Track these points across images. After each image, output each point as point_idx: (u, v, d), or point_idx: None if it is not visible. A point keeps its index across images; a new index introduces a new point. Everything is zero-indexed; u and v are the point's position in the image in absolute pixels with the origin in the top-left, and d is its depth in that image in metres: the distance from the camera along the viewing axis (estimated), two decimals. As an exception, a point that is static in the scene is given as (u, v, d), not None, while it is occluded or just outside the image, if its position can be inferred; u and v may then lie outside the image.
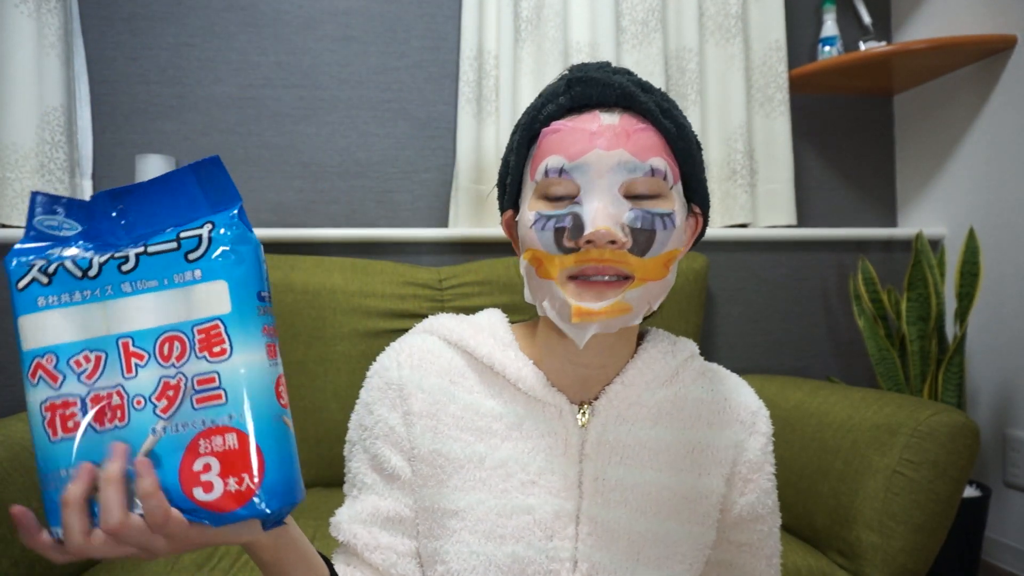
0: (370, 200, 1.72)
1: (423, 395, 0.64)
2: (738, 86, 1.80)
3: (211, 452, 0.42)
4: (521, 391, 0.65)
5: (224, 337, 0.43)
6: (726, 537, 0.70)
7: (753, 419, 0.70)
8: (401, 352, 0.67)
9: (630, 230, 0.57)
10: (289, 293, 1.39)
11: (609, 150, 0.57)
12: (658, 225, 0.57)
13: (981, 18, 1.72)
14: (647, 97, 0.59)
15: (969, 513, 1.50)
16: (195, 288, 0.44)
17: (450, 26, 1.76)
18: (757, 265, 1.87)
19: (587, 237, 0.56)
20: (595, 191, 0.57)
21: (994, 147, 1.72)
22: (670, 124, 0.60)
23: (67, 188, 1.53)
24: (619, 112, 0.59)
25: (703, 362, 0.73)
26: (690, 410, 0.68)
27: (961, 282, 1.60)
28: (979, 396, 1.76)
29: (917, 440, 1.05)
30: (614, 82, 0.59)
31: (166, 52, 1.65)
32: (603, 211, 0.56)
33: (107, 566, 1.01)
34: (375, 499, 0.64)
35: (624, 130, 0.58)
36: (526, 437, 0.64)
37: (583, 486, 0.64)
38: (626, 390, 0.66)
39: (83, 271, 0.45)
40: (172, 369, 0.43)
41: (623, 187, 0.58)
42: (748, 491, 0.69)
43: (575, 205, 0.58)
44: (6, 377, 1.53)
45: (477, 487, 0.63)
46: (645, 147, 0.58)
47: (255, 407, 0.43)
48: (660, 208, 0.58)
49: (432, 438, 0.64)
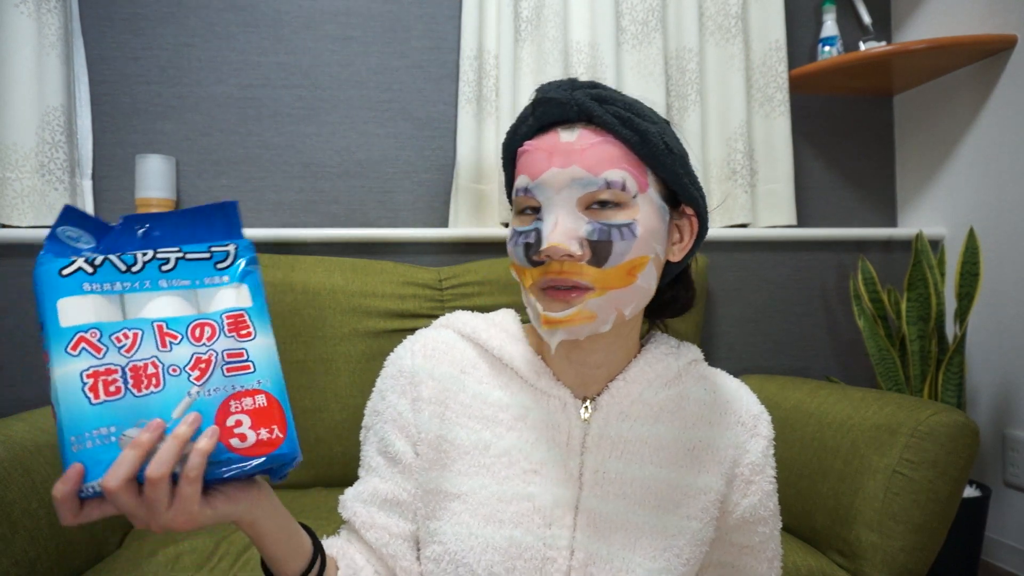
0: (370, 200, 1.72)
1: (433, 383, 0.68)
2: (738, 86, 1.80)
3: (242, 411, 0.50)
4: (528, 383, 0.68)
5: (249, 323, 0.53)
6: (727, 539, 0.71)
7: (755, 422, 0.72)
8: (416, 342, 0.71)
9: (588, 242, 0.60)
10: (289, 293, 1.39)
11: (564, 167, 0.61)
12: (615, 236, 0.60)
13: (981, 18, 1.72)
14: (603, 110, 0.61)
15: (969, 513, 1.50)
16: (222, 289, 0.54)
17: (450, 26, 1.76)
18: (757, 265, 1.87)
19: (544, 252, 0.60)
20: (553, 207, 0.61)
21: (994, 147, 1.72)
22: (630, 133, 0.61)
23: (67, 188, 1.53)
24: (580, 128, 0.62)
25: (706, 366, 0.74)
26: (692, 410, 0.70)
27: (961, 282, 1.60)
28: (979, 396, 1.76)
29: (917, 440, 1.05)
30: (571, 99, 0.62)
31: (166, 52, 1.65)
32: (559, 227, 0.60)
33: (108, 566, 1.01)
34: (377, 481, 0.68)
35: (579, 146, 0.61)
36: (531, 428, 0.67)
37: (583, 478, 0.66)
38: (628, 387, 0.68)
39: (127, 266, 0.52)
40: (204, 347, 0.51)
41: (580, 201, 0.61)
42: (750, 493, 0.70)
43: (538, 221, 0.62)
44: (6, 377, 1.53)
45: (480, 472, 0.65)
46: (599, 160, 0.61)
47: (274, 376, 0.52)
48: (619, 219, 0.61)
49: (439, 424, 0.67)
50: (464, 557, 0.63)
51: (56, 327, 0.48)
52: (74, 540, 1.00)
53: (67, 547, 0.98)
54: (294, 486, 1.37)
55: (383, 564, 0.66)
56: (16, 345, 1.53)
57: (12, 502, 0.90)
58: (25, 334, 1.53)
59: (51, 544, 0.95)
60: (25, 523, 0.91)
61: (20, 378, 1.53)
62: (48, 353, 0.48)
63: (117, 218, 0.53)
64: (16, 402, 1.52)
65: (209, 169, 1.66)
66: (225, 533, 1.05)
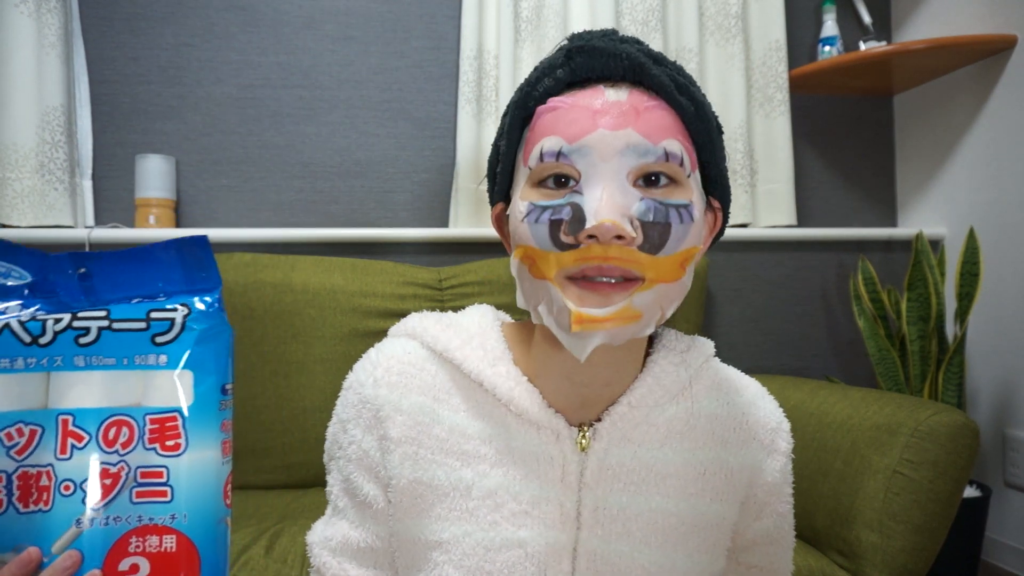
0: (370, 200, 1.72)
1: (402, 418, 0.57)
2: (738, 86, 1.80)
3: (143, 552, 0.39)
4: (512, 412, 0.57)
5: (180, 431, 0.40)
6: (735, 558, 0.66)
7: (772, 437, 0.63)
8: (378, 366, 0.59)
9: (640, 223, 0.49)
10: (289, 293, 1.39)
11: (615, 130, 0.49)
12: (673, 218, 0.49)
13: (981, 18, 1.72)
14: (659, 70, 0.51)
15: (969, 513, 1.49)
16: (157, 374, 0.41)
17: (450, 26, 1.76)
18: (757, 265, 1.87)
19: (589, 231, 0.47)
20: (599, 178, 0.49)
21: (994, 147, 1.72)
22: (687, 101, 0.51)
23: (67, 188, 1.53)
24: (627, 87, 0.51)
25: (719, 367, 0.65)
26: (703, 428, 0.60)
27: (961, 282, 1.60)
28: (979, 396, 1.76)
29: (917, 440, 1.05)
30: (621, 52, 0.50)
31: (166, 52, 1.65)
32: (609, 201, 0.48)
33: None
34: (346, 527, 0.59)
35: (633, 107, 0.50)
36: (518, 463, 0.57)
37: (581, 517, 0.57)
38: (632, 412, 0.58)
39: (33, 337, 0.40)
40: (115, 456, 0.40)
41: (632, 173, 0.49)
42: (764, 516, 0.64)
43: (575, 194, 0.49)
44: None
45: (463, 518, 0.56)
46: (658, 127, 0.50)
47: (201, 509, 0.40)
48: (676, 199, 0.50)
49: (412, 467, 0.56)
50: None
51: None
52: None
53: (67, 547, 0.98)
54: (294, 486, 1.38)
55: None
56: None
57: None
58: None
59: (51, 544, 0.94)
60: (25, 523, 0.91)
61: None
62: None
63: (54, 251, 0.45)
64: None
65: (209, 169, 1.66)
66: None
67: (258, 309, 1.37)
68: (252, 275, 1.39)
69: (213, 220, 1.66)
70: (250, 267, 1.40)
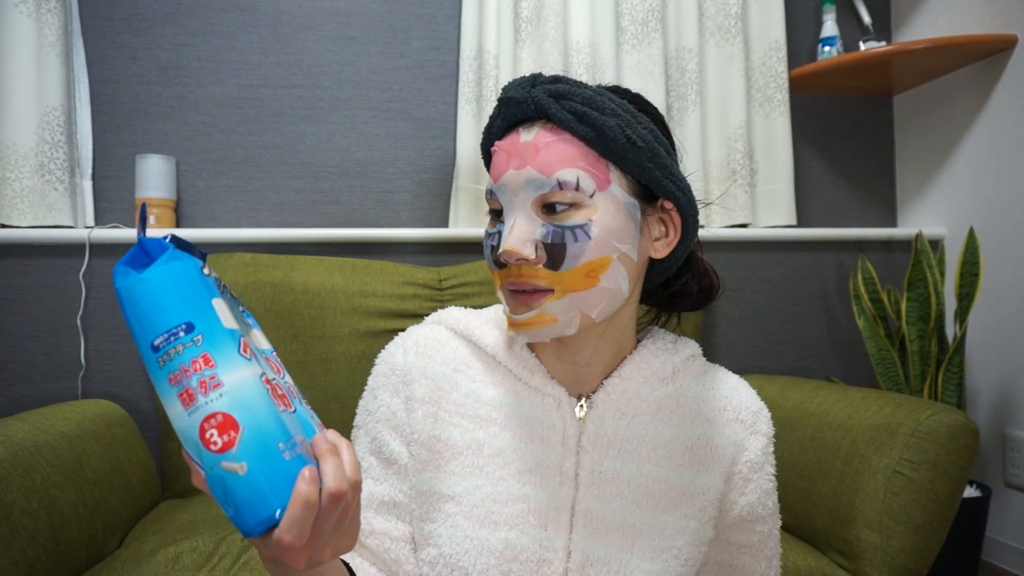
0: (370, 200, 1.72)
1: (426, 381, 0.66)
2: (738, 86, 1.80)
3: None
4: (522, 381, 0.67)
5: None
6: (726, 538, 0.70)
7: (754, 419, 0.70)
8: (408, 339, 0.69)
9: (543, 245, 0.59)
10: (289, 293, 1.39)
11: (519, 169, 0.60)
12: (568, 239, 0.59)
13: (981, 18, 1.72)
14: (559, 107, 0.59)
15: (969, 513, 1.50)
16: (254, 329, 0.53)
17: (450, 26, 1.76)
18: (757, 265, 1.87)
19: (497, 257, 0.61)
20: (512, 210, 0.61)
21: (994, 147, 1.72)
22: (586, 129, 0.59)
23: (67, 188, 1.53)
24: (539, 126, 0.61)
25: (704, 362, 0.73)
26: (690, 407, 0.69)
27: (961, 282, 1.60)
28: (979, 396, 1.76)
29: (917, 440, 1.05)
30: (529, 98, 0.60)
31: (166, 52, 1.65)
32: (515, 231, 0.59)
33: (108, 566, 1.01)
34: (371, 484, 0.66)
35: (535, 146, 0.59)
36: (524, 426, 0.65)
37: (579, 478, 0.65)
38: (624, 384, 0.67)
39: (220, 287, 0.51)
40: (283, 380, 0.50)
41: (535, 204, 0.60)
42: (748, 491, 0.69)
43: (501, 223, 0.63)
44: (6, 377, 1.53)
45: (474, 473, 0.64)
46: (553, 160, 0.59)
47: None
48: (573, 221, 0.59)
49: (432, 424, 0.65)
50: (459, 560, 0.62)
51: (220, 328, 0.45)
52: (74, 540, 1.00)
53: (67, 547, 0.98)
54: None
55: (387, 569, 0.65)
56: (16, 345, 1.53)
57: (12, 502, 0.90)
58: (25, 334, 1.53)
59: (51, 544, 0.95)
60: (25, 523, 0.91)
61: (20, 378, 1.53)
62: (210, 356, 0.44)
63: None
64: (16, 402, 1.52)
65: (209, 169, 1.66)
66: (225, 533, 1.05)
67: (258, 309, 1.38)
68: (252, 275, 1.39)
69: (213, 220, 1.66)
70: (250, 267, 1.40)
